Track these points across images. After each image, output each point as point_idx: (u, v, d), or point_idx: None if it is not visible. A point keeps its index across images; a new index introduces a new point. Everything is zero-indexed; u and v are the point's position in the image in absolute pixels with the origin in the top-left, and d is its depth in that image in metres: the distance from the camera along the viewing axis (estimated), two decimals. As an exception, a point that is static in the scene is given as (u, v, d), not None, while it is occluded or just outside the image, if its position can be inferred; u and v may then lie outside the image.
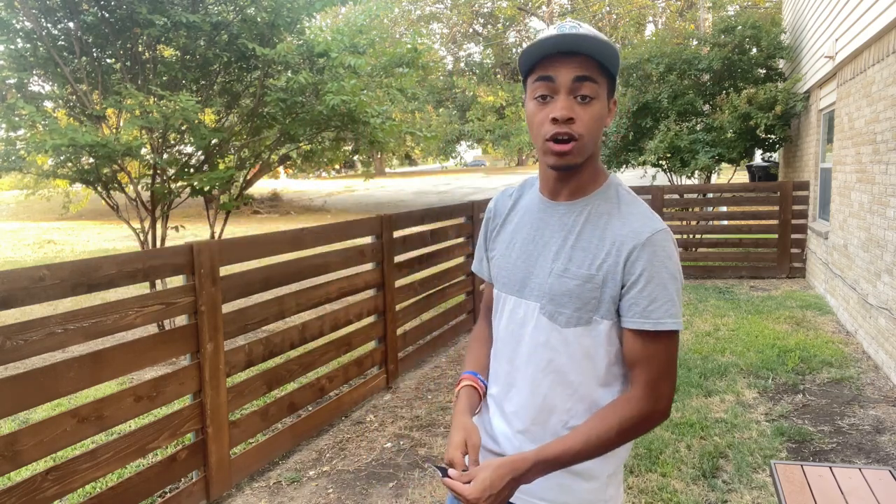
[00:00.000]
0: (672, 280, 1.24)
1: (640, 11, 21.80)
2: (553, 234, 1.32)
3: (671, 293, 1.24)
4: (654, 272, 1.23)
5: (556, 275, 1.29)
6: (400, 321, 5.01)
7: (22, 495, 2.40)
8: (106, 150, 5.10)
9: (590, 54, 1.21)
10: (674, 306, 1.24)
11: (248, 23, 6.12)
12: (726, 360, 5.29)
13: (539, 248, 1.33)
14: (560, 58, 1.21)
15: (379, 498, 3.32)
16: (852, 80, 6.19)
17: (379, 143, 7.12)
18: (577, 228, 1.30)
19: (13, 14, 5.54)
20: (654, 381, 1.25)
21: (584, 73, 1.21)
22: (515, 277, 1.35)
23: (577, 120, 1.22)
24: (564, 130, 1.22)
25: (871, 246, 5.35)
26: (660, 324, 1.23)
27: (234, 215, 21.21)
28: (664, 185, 9.32)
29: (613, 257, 1.25)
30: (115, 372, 2.77)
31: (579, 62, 1.21)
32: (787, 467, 2.48)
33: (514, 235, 1.39)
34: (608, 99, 1.27)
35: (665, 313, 1.23)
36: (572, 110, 1.21)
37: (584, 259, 1.27)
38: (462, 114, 21.09)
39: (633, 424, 1.25)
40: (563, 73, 1.21)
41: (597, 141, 1.27)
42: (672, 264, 1.25)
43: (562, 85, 1.22)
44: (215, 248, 3.22)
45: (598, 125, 1.25)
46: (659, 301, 1.23)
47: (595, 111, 1.23)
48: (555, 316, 1.29)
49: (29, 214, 22.59)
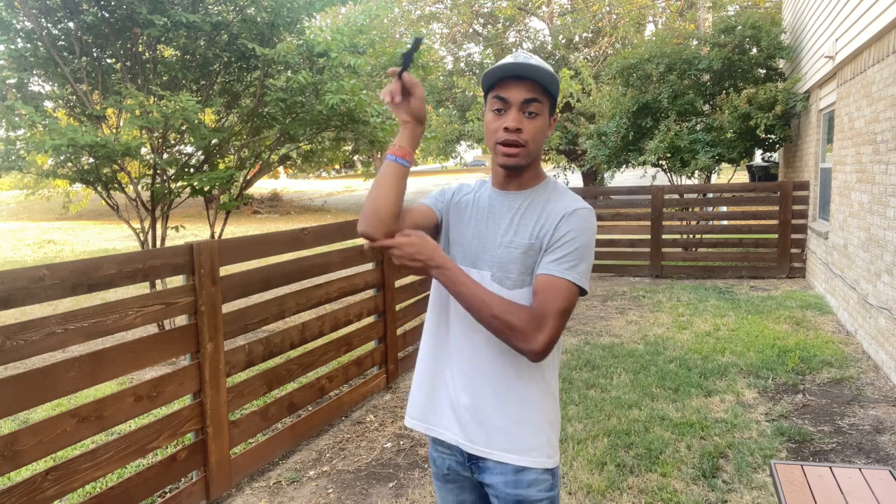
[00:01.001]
0: (586, 248, 1.51)
1: (640, 11, 21.77)
2: (503, 214, 1.60)
3: (581, 256, 1.50)
4: (574, 236, 1.50)
5: (503, 246, 1.56)
6: (400, 321, 5.01)
7: (22, 495, 2.40)
8: (105, 151, 5.10)
9: (536, 80, 1.50)
10: (580, 266, 1.49)
11: (248, 23, 6.12)
12: (726, 360, 5.29)
13: (491, 227, 1.60)
14: (514, 81, 1.51)
15: (379, 498, 3.32)
16: (852, 80, 6.19)
17: (379, 142, 7.12)
18: (521, 210, 1.58)
19: (13, 14, 5.54)
20: (542, 315, 1.46)
21: (531, 95, 1.51)
22: (471, 252, 1.61)
23: (524, 130, 1.52)
24: (513, 138, 1.52)
25: (871, 246, 5.35)
26: (566, 273, 1.48)
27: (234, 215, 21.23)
28: (664, 185, 9.32)
29: (548, 225, 1.53)
30: (115, 372, 2.77)
31: (528, 86, 1.51)
32: (787, 467, 2.48)
33: (470, 219, 1.65)
34: (549, 115, 1.57)
35: (572, 268, 1.49)
36: (521, 122, 1.52)
37: (526, 231, 1.55)
38: (462, 114, 21.07)
39: (510, 325, 1.45)
40: (515, 93, 1.51)
41: (539, 148, 1.57)
42: (589, 236, 1.52)
43: (513, 102, 1.51)
44: (215, 248, 3.22)
45: (541, 136, 1.55)
46: (570, 259, 1.49)
47: (538, 124, 1.53)
48: (503, 280, 1.55)
49: (29, 214, 22.60)
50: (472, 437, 1.60)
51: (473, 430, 1.59)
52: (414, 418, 1.71)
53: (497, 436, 1.57)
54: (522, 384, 1.57)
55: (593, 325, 6.58)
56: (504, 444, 1.57)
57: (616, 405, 4.35)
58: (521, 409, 1.57)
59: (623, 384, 4.78)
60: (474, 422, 1.59)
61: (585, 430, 3.98)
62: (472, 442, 1.60)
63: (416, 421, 1.71)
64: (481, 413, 1.58)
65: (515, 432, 1.57)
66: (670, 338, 5.98)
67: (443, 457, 1.71)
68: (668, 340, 5.89)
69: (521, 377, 1.57)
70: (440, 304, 1.65)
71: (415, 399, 1.71)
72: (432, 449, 1.74)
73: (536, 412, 1.58)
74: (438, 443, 1.71)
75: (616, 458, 3.58)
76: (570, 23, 23.66)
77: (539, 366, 1.56)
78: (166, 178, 6.03)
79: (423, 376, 1.69)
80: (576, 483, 3.34)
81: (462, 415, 1.60)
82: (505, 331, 1.45)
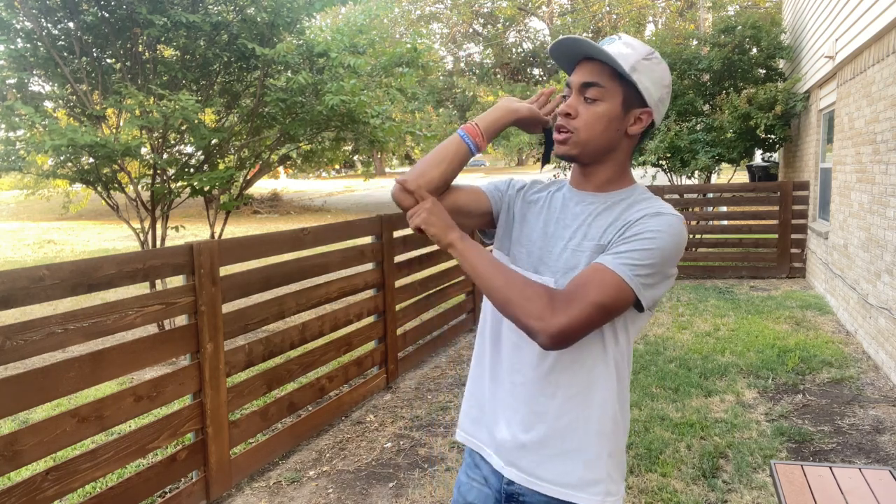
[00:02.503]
0: (661, 255, 1.26)
1: (640, 11, 21.79)
2: (575, 217, 1.40)
3: (650, 261, 1.25)
4: (650, 237, 1.26)
5: (570, 249, 1.36)
6: (400, 321, 5.01)
7: (22, 495, 2.40)
8: (105, 150, 5.10)
9: (605, 62, 1.32)
10: (643, 270, 1.24)
11: (247, 23, 6.12)
12: (726, 360, 5.29)
13: (560, 229, 1.40)
14: (583, 63, 1.36)
15: (379, 498, 3.32)
16: (852, 80, 6.19)
17: (379, 142, 7.12)
18: (597, 212, 1.37)
19: (13, 14, 5.54)
20: (568, 296, 1.24)
21: (591, 78, 1.33)
22: (534, 255, 1.41)
23: (575, 115, 1.34)
24: (562, 122, 1.36)
25: (871, 246, 5.35)
26: (619, 267, 1.24)
27: (234, 215, 21.22)
28: (664, 185, 9.33)
29: (622, 222, 1.31)
30: (115, 372, 2.77)
31: (592, 68, 1.34)
32: (787, 467, 2.48)
33: (538, 218, 1.45)
34: (625, 107, 1.34)
35: (631, 267, 1.24)
36: (575, 107, 1.35)
37: (597, 233, 1.34)
38: (462, 114, 21.10)
39: (526, 297, 1.25)
40: (576, 76, 1.36)
41: (598, 140, 1.35)
42: (671, 244, 1.27)
43: (573, 85, 1.37)
44: (215, 248, 3.22)
45: (599, 125, 1.34)
46: (634, 257, 1.25)
47: (597, 111, 1.33)
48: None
49: (29, 214, 22.59)
50: (516, 463, 1.40)
51: (518, 455, 1.39)
52: (463, 430, 1.54)
53: (546, 464, 1.37)
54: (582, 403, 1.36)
55: (593, 325, 6.57)
56: (551, 475, 1.36)
57: (616, 405, 4.34)
58: (575, 435, 1.36)
59: (623, 384, 4.77)
60: (519, 446, 1.39)
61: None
62: (515, 468, 1.40)
63: (465, 434, 1.54)
64: (530, 436, 1.38)
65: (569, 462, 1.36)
66: (670, 338, 5.98)
67: (471, 484, 1.50)
68: (668, 340, 5.90)
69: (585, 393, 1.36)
70: (485, 317, 1.50)
71: (464, 410, 1.56)
72: (462, 473, 1.55)
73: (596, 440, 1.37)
74: (473, 468, 1.51)
75: (616, 458, 3.58)
76: (570, 23, 23.67)
77: (608, 381, 1.36)
78: (166, 178, 6.03)
79: (472, 388, 1.53)
80: (576, 483, 3.34)
81: (507, 437, 1.41)
82: (521, 304, 1.25)
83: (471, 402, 1.52)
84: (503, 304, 1.28)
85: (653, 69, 1.34)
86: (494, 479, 1.44)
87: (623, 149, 1.38)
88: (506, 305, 1.27)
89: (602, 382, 1.35)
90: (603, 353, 1.34)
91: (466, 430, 1.53)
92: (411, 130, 7.88)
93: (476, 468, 1.50)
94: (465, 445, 1.55)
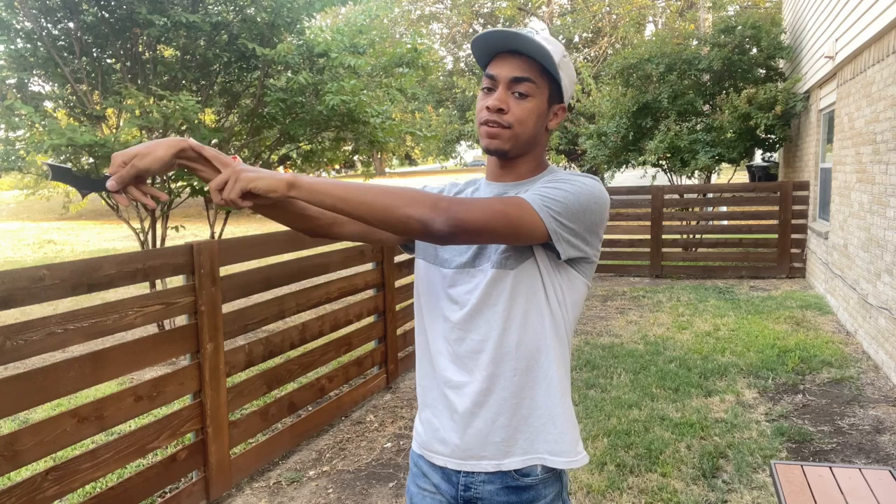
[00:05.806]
0: (577, 203, 1.26)
1: (640, 11, 21.79)
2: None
3: (561, 194, 1.26)
4: (558, 180, 1.30)
5: None
6: (400, 321, 5.01)
7: (22, 495, 2.40)
8: (105, 150, 5.11)
9: (532, 56, 1.31)
10: (552, 201, 1.25)
11: (248, 23, 6.12)
12: (726, 360, 5.29)
13: None
14: (506, 56, 1.33)
15: (379, 498, 3.32)
16: (852, 80, 6.19)
17: (379, 142, 7.13)
18: (515, 189, 1.37)
19: (13, 14, 5.54)
20: (469, 200, 1.21)
21: (522, 73, 1.31)
22: (470, 251, 1.38)
23: (508, 111, 1.32)
24: (494, 118, 1.32)
25: (871, 246, 5.35)
26: (531, 197, 1.25)
27: (234, 215, 21.20)
28: (664, 185, 9.33)
29: (537, 185, 1.32)
30: (115, 372, 2.77)
31: (519, 62, 1.32)
32: (787, 467, 2.48)
33: None
34: (549, 102, 1.36)
35: (538, 195, 1.25)
36: (505, 102, 1.32)
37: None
38: (462, 114, 21.09)
39: (414, 199, 1.17)
40: (504, 70, 1.32)
41: (530, 134, 1.35)
42: (583, 188, 1.28)
43: (501, 80, 1.33)
44: (215, 248, 3.22)
45: (532, 120, 1.33)
46: (542, 190, 1.26)
47: (528, 107, 1.33)
48: (503, 263, 1.32)
49: (29, 214, 22.59)
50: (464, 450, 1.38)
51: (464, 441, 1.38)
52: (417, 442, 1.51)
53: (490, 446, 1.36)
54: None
55: (593, 325, 6.58)
56: (495, 451, 1.36)
57: (616, 405, 4.35)
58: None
59: (623, 384, 4.78)
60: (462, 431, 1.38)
61: (585, 430, 3.98)
62: (462, 458, 1.38)
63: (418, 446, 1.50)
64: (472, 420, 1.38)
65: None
66: (670, 338, 5.98)
67: (423, 495, 1.46)
68: (668, 340, 5.89)
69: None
70: (417, 303, 1.48)
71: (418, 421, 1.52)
72: (411, 483, 1.51)
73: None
74: (422, 476, 1.47)
75: (616, 458, 3.58)
76: (570, 23, 23.67)
77: (543, 364, 1.35)
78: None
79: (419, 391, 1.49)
80: (576, 483, 3.34)
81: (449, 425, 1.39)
82: (407, 203, 1.17)
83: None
84: (385, 213, 1.17)
85: (569, 66, 1.37)
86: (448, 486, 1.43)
87: (542, 143, 1.40)
88: (389, 213, 1.16)
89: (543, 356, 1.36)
90: (540, 320, 1.35)
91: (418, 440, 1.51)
92: (411, 130, 7.87)
93: (426, 478, 1.47)
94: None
